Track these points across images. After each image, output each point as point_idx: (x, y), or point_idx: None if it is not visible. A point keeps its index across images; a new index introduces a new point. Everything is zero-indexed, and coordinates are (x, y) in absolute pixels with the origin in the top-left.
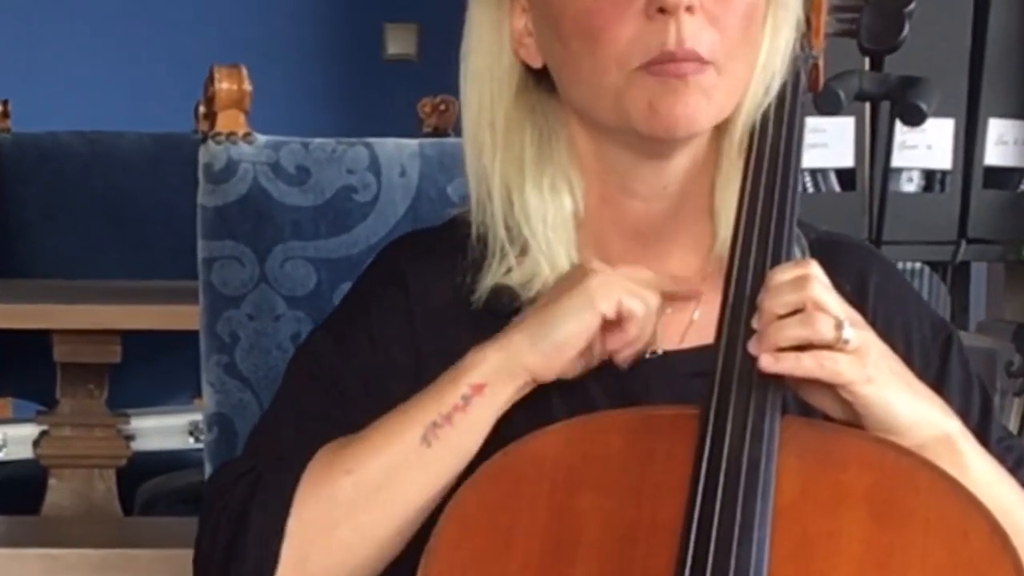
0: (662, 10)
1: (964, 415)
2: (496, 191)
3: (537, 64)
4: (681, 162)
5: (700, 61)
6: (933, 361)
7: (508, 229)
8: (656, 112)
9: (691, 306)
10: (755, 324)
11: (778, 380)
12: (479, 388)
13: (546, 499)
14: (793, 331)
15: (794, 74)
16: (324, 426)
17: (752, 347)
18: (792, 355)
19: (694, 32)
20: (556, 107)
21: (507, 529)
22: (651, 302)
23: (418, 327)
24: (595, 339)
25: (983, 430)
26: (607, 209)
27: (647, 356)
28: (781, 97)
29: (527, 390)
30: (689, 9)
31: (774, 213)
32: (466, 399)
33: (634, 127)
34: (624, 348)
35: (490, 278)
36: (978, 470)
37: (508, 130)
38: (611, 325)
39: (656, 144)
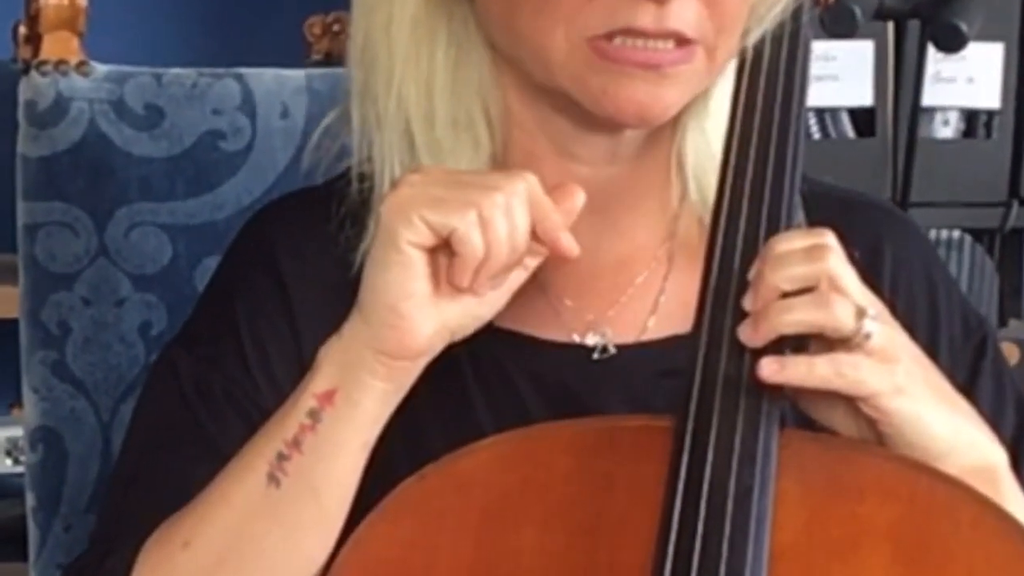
0: None
1: None
2: (391, 122)
3: None
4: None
5: (684, 42)
6: (961, 368)
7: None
8: (612, 99)
9: (655, 287)
10: (747, 304)
11: (777, 385)
12: (327, 397)
13: (474, 536)
14: (801, 313)
15: None
16: (188, 480)
17: (744, 333)
18: (802, 360)
19: (679, 10)
20: (475, 18)
21: (423, 575)
22: (481, 199)
23: (299, 325)
24: (442, 278)
25: (1014, 460)
26: (539, 168)
27: (596, 356)
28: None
29: (400, 389)
30: None
31: (770, 166)
32: (313, 415)
33: (582, 105)
34: (465, 276)
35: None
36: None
37: (415, 41)
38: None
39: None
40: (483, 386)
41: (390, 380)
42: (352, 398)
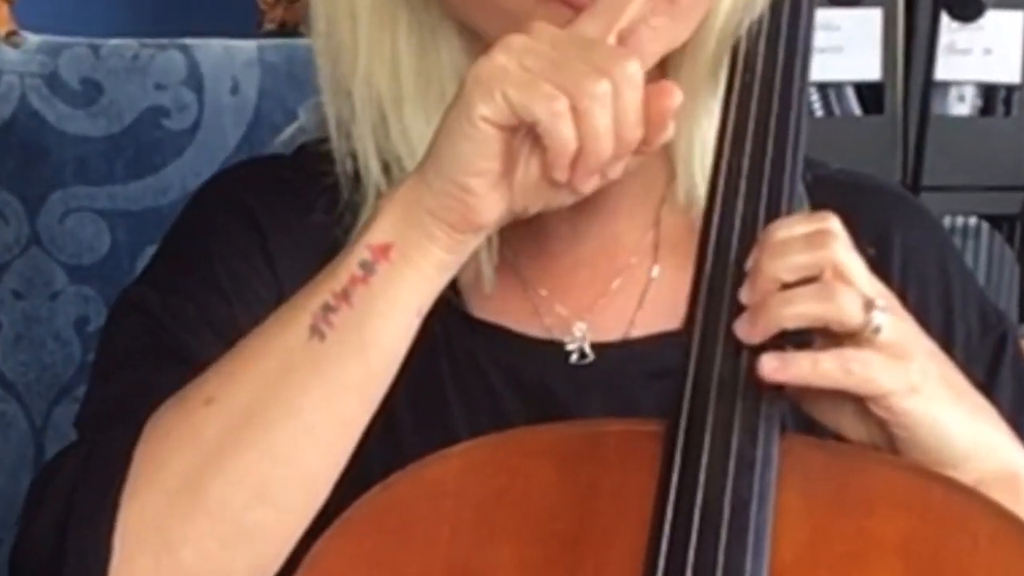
0: None
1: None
2: (363, 110)
3: None
4: None
5: None
6: (978, 367)
7: (384, 163)
8: None
9: (640, 279)
10: (744, 297)
11: (777, 386)
12: (383, 250)
13: (445, 551)
14: (804, 306)
15: None
16: (169, 381)
17: (741, 329)
18: (806, 357)
19: None
20: None
21: None
22: (577, 86)
23: (282, 282)
24: (520, 160)
25: None
26: None
27: (574, 361)
28: None
29: (458, 260)
30: None
31: (770, 147)
32: (367, 267)
33: None
34: (558, 170)
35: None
36: None
37: (379, 26)
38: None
39: None
40: (458, 381)
41: (449, 250)
42: (409, 257)
